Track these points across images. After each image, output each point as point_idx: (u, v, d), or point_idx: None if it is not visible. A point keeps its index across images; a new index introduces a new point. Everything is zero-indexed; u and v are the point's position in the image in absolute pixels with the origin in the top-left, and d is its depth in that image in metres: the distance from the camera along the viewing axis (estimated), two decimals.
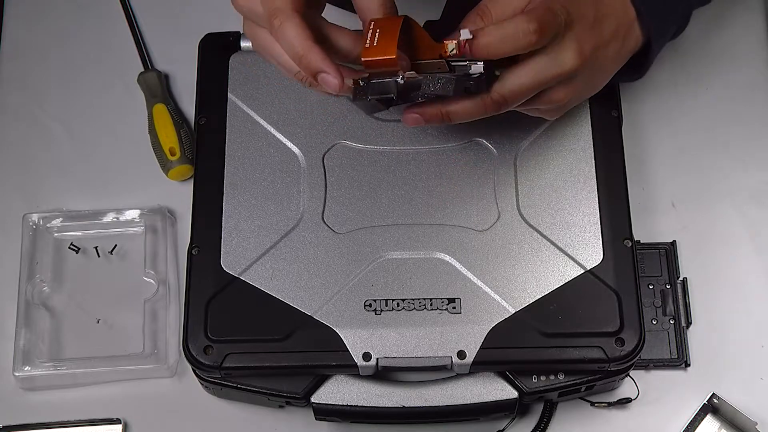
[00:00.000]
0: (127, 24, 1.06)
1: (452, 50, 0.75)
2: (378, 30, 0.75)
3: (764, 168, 1.01)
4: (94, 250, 0.98)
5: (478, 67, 0.76)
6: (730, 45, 1.05)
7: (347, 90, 0.77)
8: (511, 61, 0.77)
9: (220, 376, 0.86)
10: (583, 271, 0.87)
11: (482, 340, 0.85)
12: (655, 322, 0.94)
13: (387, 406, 0.87)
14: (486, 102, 0.78)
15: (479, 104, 0.78)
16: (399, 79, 0.76)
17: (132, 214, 0.98)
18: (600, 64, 0.82)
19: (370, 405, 0.86)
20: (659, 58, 1.02)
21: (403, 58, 0.76)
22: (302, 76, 0.77)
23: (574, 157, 0.91)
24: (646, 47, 0.86)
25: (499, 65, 0.77)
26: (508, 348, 0.85)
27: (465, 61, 0.76)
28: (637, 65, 0.87)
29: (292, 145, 0.92)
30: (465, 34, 0.75)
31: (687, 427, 0.92)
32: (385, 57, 0.75)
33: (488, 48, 0.75)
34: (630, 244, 0.88)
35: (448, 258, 0.87)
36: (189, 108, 1.02)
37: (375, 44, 0.75)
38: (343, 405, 0.86)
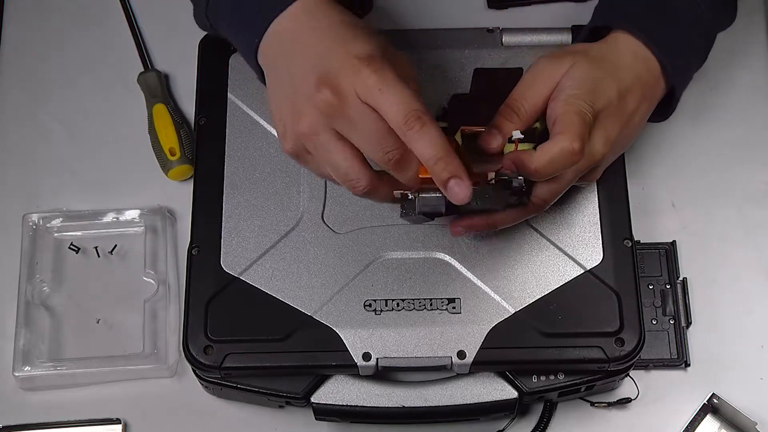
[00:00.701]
0: (127, 24, 1.06)
1: (491, 180, 0.78)
2: None
3: (764, 168, 1.01)
4: (94, 250, 0.98)
5: (519, 182, 0.78)
6: (730, 45, 1.04)
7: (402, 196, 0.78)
8: None
9: (220, 376, 0.86)
10: (583, 271, 0.87)
11: (482, 340, 0.85)
12: (655, 322, 0.94)
13: (387, 406, 0.87)
14: (529, 208, 0.81)
15: (522, 211, 0.82)
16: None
17: (132, 214, 0.98)
18: (629, 132, 0.84)
19: (369, 405, 0.86)
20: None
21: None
22: (359, 185, 0.76)
23: None
24: (670, 91, 0.86)
25: None
26: (508, 348, 0.85)
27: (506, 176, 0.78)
28: (663, 109, 0.88)
29: None
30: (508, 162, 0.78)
31: (687, 427, 0.92)
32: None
33: (538, 174, 0.78)
34: (630, 244, 0.88)
35: (447, 258, 0.87)
36: (189, 108, 1.02)
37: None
38: (343, 405, 0.86)
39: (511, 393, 0.86)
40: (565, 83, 0.80)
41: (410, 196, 0.78)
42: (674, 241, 0.96)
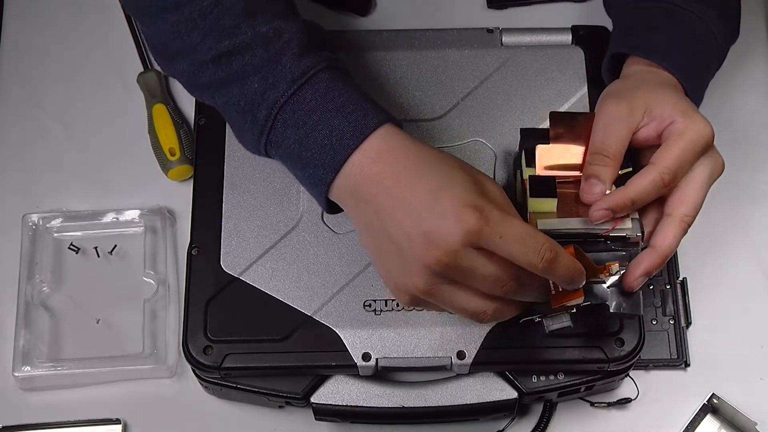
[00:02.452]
0: (126, 24, 1.06)
1: (616, 272, 0.79)
2: None
3: (764, 168, 1.01)
4: (94, 250, 0.98)
5: (635, 228, 0.80)
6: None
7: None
8: None
9: (220, 377, 0.86)
10: None
11: (482, 341, 0.85)
12: (654, 323, 0.94)
13: (387, 406, 0.87)
14: (685, 222, 0.81)
15: (681, 229, 0.81)
16: (573, 310, 0.79)
17: (132, 214, 0.98)
18: None
19: (369, 405, 0.86)
20: None
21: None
22: (485, 316, 0.76)
23: None
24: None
25: None
26: (508, 348, 0.85)
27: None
28: None
29: None
30: (615, 269, 0.79)
31: (687, 427, 0.92)
32: (575, 299, 0.78)
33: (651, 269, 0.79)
34: None
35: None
36: (189, 108, 1.02)
37: (560, 290, 0.77)
38: (343, 405, 0.86)
39: (510, 393, 0.86)
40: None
41: (536, 320, 0.80)
42: None
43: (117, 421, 0.93)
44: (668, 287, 0.95)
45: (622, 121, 0.81)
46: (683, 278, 0.95)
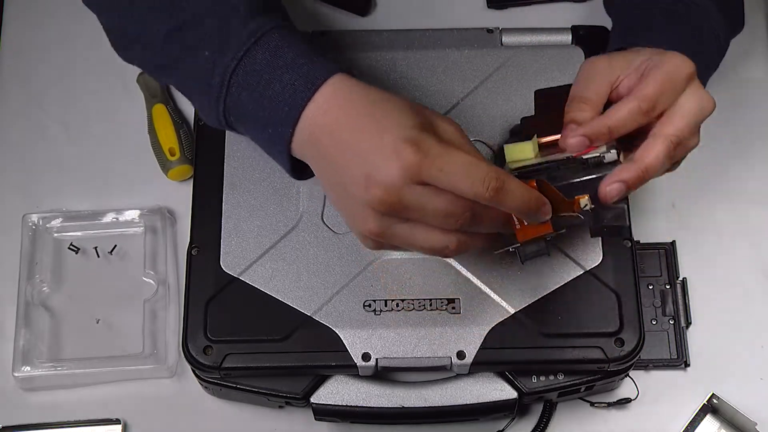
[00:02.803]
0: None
1: (585, 206, 0.77)
2: None
3: (764, 168, 1.01)
4: (94, 250, 0.98)
5: (612, 155, 0.78)
6: (731, 45, 1.04)
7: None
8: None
9: (220, 377, 0.86)
10: (582, 271, 0.87)
11: (482, 341, 0.85)
12: (654, 323, 0.94)
13: (386, 406, 0.87)
14: (669, 140, 0.78)
15: (664, 145, 0.78)
16: (549, 238, 0.77)
17: (132, 214, 0.98)
18: None
19: (369, 405, 0.86)
20: None
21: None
22: (449, 251, 0.74)
23: None
24: None
25: None
26: (508, 348, 0.85)
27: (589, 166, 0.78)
28: None
29: None
30: (585, 202, 0.77)
31: (687, 427, 0.92)
32: (543, 233, 0.76)
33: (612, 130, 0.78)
34: (629, 244, 0.88)
35: (447, 258, 0.87)
36: (188, 108, 1.02)
37: (525, 223, 0.76)
38: (343, 405, 0.86)
39: (510, 393, 0.86)
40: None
41: (511, 250, 0.78)
42: (674, 241, 0.96)
43: (117, 421, 0.93)
44: (668, 287, 0.95)
45: (602, 72, 0.80)
46: (683, 278, 0.95)
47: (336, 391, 0.87)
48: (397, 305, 0.86)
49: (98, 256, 0.98)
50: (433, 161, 0.70)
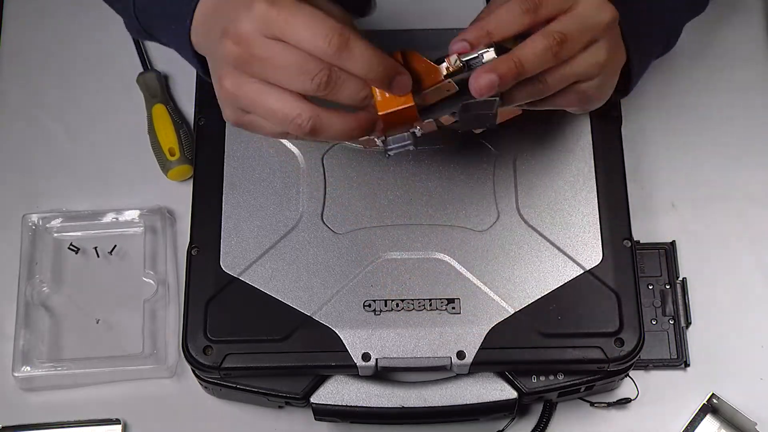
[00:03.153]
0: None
1: (455, 62, 0.74)
2: None
3: (764, 168, 1.01)
4: (94, 250, 0.98)
5: (490, 54, 0.74)
6: (730, 45, 1.04)
7: (367, 142, 0.76)
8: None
9: (220, 377, 0.86)
10: (582, 271, 0.87)
11: (481, 341, 0.85)
12: (654, 323, 0.94)
13: (386, 406, 0.87)
14: (552, 37, 0.74)
15: (543, 46, 0.74)
16: (417, 131, 0.76)
17: (131, 214, 0.98)
18: (618, 59, 0.82)
19: (369, 405, 0.86)
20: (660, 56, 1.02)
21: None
22: (302, 120, 0.72)
23: (573, 157, 0.91)
24: (629, 66, 0.85)
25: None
26: (508, 348, 0.85)
27: (470, 70, 0.74)
28: (623, 83, 0.86)
29: (291, 145, 0.92)
30: (461, 45, 0.74)
31: (686, 427, 0.92)
32: (403, 106, 0.73)
33: (494, 31, 0.74)
34: (629, 244, 0.88)
35: (447, 258, 0.87)
36: (188, 108, 1.02)
37: (387, 96, 0.73)
38: (343, 405, 0.86)
39: (510, 393, 0.86)
40: None
41: (378, 142, 0.76)
42: (674, 241, 0.96)
43: (117, 421, 0.93)
44: (668, 287, 0.95)
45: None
46: (683, 278, 0.95)
47: (336, 391, 0.87)
48: (397, 305, 0.86)
49: (98, 256, 0.98)
50: (281, 13, 0.70)
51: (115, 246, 0.98)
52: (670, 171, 1.00)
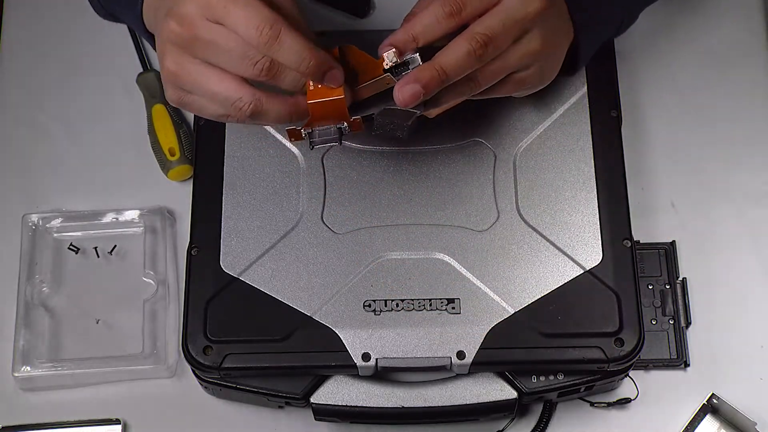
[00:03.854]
0: (125, 24, 1.06)
1: (392, 60, 0.74)
2: None
3: (764, 168, 1.01)
4: (94, 250, 0.98)
5: (415, 58, 0.74)
6: (730, 45, 1.04)
7: (292, 132, 0.76)
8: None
9: (220, 377, 0.86)
10: (582, 271, 0.87)
11: (481, 341, 0.85)
12: (654, 323, 0.94)
13: (386, 406, 0.87)
14: (475, 40, 0.74)
15: (466, 50, 0.74)
16: (344, 127, 0.76)
17: (131, 214, 0.98)
18: (556, 41, 0.81)
19: (369, 405, 0.86)
20: (660, 55, 1.03)
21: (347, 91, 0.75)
22: (242, 104, 0.74)
23: (573, 158, 0.91)
24: (576, 44, 0.85)
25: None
26: (508, 348, 0.85)
27: (405, 67, 0.74)
28: (571, 62, 0.86)
29: (291, 145, 0.92)
30: (389, 51, 0.74)
31: (686, 427, 0.92)
32: (332, 97, 0.74)
33: (419, 36, 0.74)
34: (629, 244, 0.88)
35: (447, 258, 0.87)
36: None
37: (319, 87, 0.74)
38: (343, 405, 0.86)
39: (510, 393, 0.86)
40: None
41: (303, 133, 0.76)
42: (674, 241, 0.96)
43: (117, 421, 0.93)
44: (668, 287, 0.95)
45: None
46: (683, 278, 0.95)
47: (336, 391, 0.87)
48: (397, 305, 0.86)
49: (98, 256, 0.98)
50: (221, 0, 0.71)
51: (115, 246, 0.98)
52: (670, 171, 1.00)
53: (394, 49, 0.74)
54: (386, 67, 0.74)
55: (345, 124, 0.76)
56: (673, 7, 1.05)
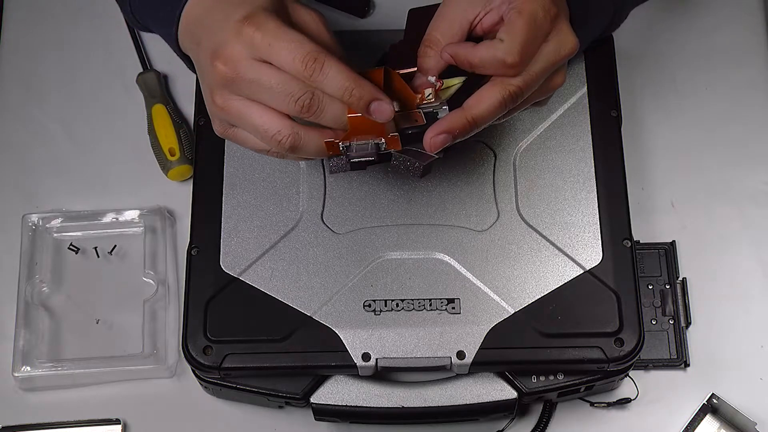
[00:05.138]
0: (125, 24, 1.06)
1: (429, 95, 0.77)
2: None
3: (764, 168, 1.01)
4: (94, 250, 0.98)
5: (444, 111, 0.77)
6: (730, 45, 1.04)
7: (330, 145, 0.77)
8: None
9: (220, 377, 0.86)
10: (582, 271, 0.87)
11: (481, 341, 0.85)
12: (654, 323, 0.94)
13: (386, 406, 0.87)
14: (508, 91, 0.77)
15: (500, 96, 0.76)
16: (381, 143, 0.77)
17: (131, 214, 0.98)
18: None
19: (369, 405, 0.86)
20: (660, 55, 1.03)
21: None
22: (281, 137, 0.75)
23: (573, 158, 0.91)
24: None
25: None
26: (508, 348, 0.85)
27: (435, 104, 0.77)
28: None
29: None
30: (431, 80, 0.77)
31: (686, 427, 0.92)
32: (374, 132, 0.76)
33: (478, 65, 0.77)
34: (629, 244, 0.88)
35: (447, 258, 0.87)
36: (188, 108, 1.02)
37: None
38: (343, 405, 0.86)
39: (510, 393, 0.87)
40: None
41: (341, 147, 0.77)
42: (674, 241, 0.96)
43: (117, 421, 0.93)
44: (668, 287, 0.95)
45: (458, 9, 0.79)
46: (683, 278, 0.95)
47: (336, 391, 0.87)
48: (397, 305, 0.86)
49: (98, 256, 0.98)
50: (264, 37, 0.74)
51: (115, 246, 0.98)
52: (669, 171, 1.00)
53: (431, 88, 0.77)
54: (421, 101, 0.77)
55: (382, 140, 0.77)
56: (674, 8, 1.05)
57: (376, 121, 0.75)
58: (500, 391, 0.87)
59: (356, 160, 0.78)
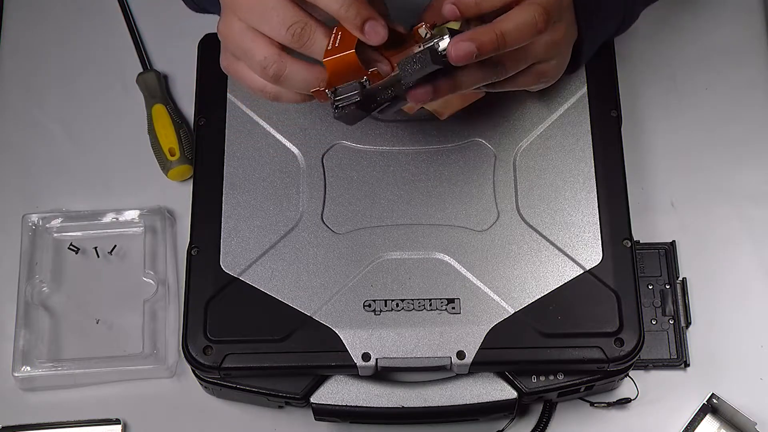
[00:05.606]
0: (125, 24, 1.06)
1: (426, 34, 0.76)
2: (340, 32, 0.76)
3: (764, 168, 1.01)
4: (94, 250, 0.98)
5: (444, 42, 0.75)
6: (730, 45, 1.04)
7: (317, 93, 0.77)
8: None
9: (220, 377, 0.86)
10: (582, 271, 0.87)
11: (481, 341, 0.85)
12: (654, 323, 0.94)
13: (386, 406, 0.87)
14: (534, 15, 0.75)
15: (527, 19, 0.75)
16: (364, 81, 0.76)
17: (131, 214, 0.98)
18: (572, 25, 0.83)
19: (369, 405, 0.86)
20: (660, 55, 1.03)
21: (379, 60, 0.76)
22: (267, 63, 0.76)
23: (573, 157, 0.91)
24: (579, 42, 0.86)
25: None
26: (508, 348, 0.85)
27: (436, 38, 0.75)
28: (572, 59, 0.86)
29: (291, 145, 0.92)
30: (423, 32, 0.76)
31: (686, 427, 0.92)
32: (343, 53, 0.75)
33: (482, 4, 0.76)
34: (629, 244, 0.88)
35: (447, 258, 0.87)
36: (188, 108, 1.02)
37: (336, 45, 0.75)
38: (343, 405, 0.86)
39: (510, 393, 0.86)
40: None
41: (328, 93, 0.77)
42: (674, 241, 0.96)
43: (117, 421, 0.93)
44: (668, 287, 0.95)
45: None
46: (683, 278, 0.95)
47: (336, 391, 0.87)
48: (397, 305, 0.86)
49: (98, 256, 0.98)
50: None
51: (115, 246, 0.98)
52: (670, 171, 1.00)
53: (425, 26, 0.75)
54: (420, 40, 0.76)
55: (365, 78, 0.76)
56: (674, 8, 1.05)
57: (370, 43, 0.74)
58: (500, 391, 0.87)
59: (343, 103, 0.77)
